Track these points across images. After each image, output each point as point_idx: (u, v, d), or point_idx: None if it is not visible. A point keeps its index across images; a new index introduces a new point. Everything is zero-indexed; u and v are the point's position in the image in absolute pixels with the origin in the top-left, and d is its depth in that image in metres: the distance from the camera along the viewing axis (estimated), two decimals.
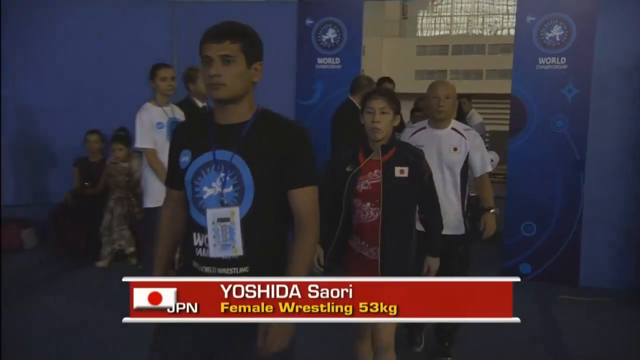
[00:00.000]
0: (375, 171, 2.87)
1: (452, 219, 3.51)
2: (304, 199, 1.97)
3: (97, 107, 6.27)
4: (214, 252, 1.90)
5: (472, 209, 5.20)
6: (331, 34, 5.90)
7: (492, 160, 4.53)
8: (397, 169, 2.86)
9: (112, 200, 5.93)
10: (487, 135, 8.89)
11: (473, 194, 4.83)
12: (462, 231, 3.62)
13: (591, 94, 5.34)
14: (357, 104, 5.43)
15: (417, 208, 3.09)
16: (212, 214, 1.91)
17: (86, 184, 6.21)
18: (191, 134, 2.07)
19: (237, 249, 1.89)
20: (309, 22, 5.92)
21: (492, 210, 3.70)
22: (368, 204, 2.87)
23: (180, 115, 4.46)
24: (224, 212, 1.91)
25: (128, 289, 4.52)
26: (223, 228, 1.91)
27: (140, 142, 4.26)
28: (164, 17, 6.35)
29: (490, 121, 14.97)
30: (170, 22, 6.30)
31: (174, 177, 2.08)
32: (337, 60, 5.91)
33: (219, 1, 5.96)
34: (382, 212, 2.82)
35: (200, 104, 4.85)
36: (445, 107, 3.58)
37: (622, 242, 5.39)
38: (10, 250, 6.27)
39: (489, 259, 6.05)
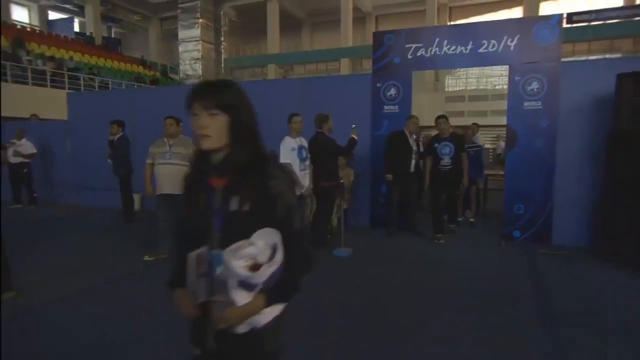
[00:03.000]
0: None
1: None
2: None
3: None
4: None
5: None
6: (392, 92, 5.84)
7: None
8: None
9: None
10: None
11: None
12: None
13: (558, 124, 5.07)
14: (407, 133, 5.42)
15: None
16: None
17: None
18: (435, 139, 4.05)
19: None
20: (378, 84, 5.89)
21: None
22: None
23: (304, 143, 4.52)
24: None
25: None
26: None
27: (283, 159, 4.33)
28: (297, 88, 6.50)
29: (492, 142, 14.43)
30: (300, 90, 6.43)
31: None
32: (397, 107, 5.85)
33: (327, 76, 6.09)
34: None
35: (329, 136, 4.80)
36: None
37: (581, 216, 5.05)
38: None
39: (495, 227, 5.86)
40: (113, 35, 28.79)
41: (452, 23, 23.93)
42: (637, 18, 19.61)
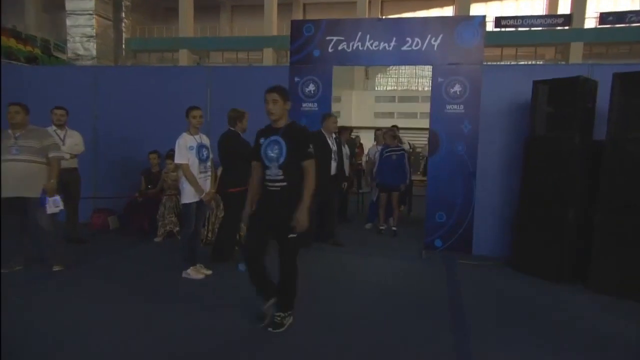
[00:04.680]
0: None
1: None
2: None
3: (157, 136, 6.20)
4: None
5: None
6: (311, 87, 5.89)
7: None
8: None
9: (165, 197, 5.86)
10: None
11: None
12: None
13: (479, 128, 5.44)
14: (324, 132, 5.51)
15: None
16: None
17: (149, 186, 6.13)
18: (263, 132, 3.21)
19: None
20: (296, 79, 5.91)
21: None
22: None
23: (206, 141, 4.41)
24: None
25: (175, 254, 4.54)
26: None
27: (179, 159, 4.19)
28: (203, 77, 6.31)
29: (422, 146, 15.22)
30: (206, 80, 6.26)
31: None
32: (315, 105, 5.90)
33: (238, 66, 5.97)
34: None
35: (242, 137, 4.67)
36: None
37: (500, 225, 5.45)
38: (101, 230, 6.26)
39: (417, 236, 6.13)
40: None
41: (384, 17, 25.02)
42: (559, 27, 22.10)
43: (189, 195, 4.24)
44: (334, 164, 5.61)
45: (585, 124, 4.54)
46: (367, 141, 11.45)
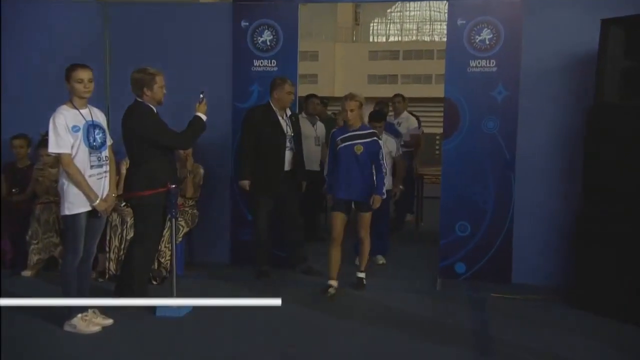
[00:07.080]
0: None
1: None
2: None
3: (23, 111, 5.93)
4: None
5: None
6: (267, 36, 5.82)
7: None
8: None
9: (38, 207, 5.67)
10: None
11: None
12: None
13: (520, 96, 5.40)
14: (272, 105, 5.46)
15: None
16: None
17: (13, 190, 5.93)
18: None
19: None
20: (244, 23, 5.81)
21: None
22: None
23: (100, 119, 4.26)
24: None
25: (56, 295, 4.34)
26: None
27: (56, 147, 3.99)
28: (96, 18, 6.07)
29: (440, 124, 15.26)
30: (103, 23, 6.04)
31: None
32: (274, 62, 5.83)
33: (153, 2, 5.78)
34: None
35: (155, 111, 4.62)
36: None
37: (552, 240, 5.41)
38: None
39: (429, 257, 6.11)
40: None
41: None
42: None
43: (74, 204, 4.09)
44: (288, 155, 5.61)
45: None
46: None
